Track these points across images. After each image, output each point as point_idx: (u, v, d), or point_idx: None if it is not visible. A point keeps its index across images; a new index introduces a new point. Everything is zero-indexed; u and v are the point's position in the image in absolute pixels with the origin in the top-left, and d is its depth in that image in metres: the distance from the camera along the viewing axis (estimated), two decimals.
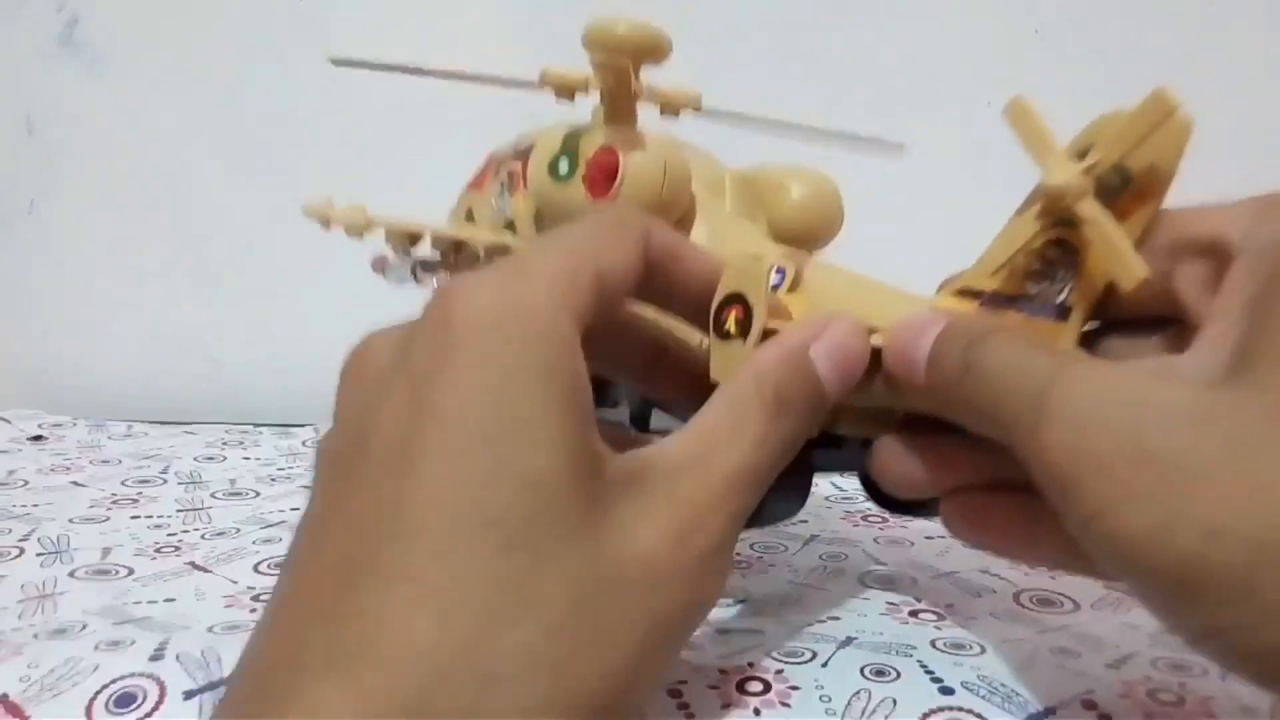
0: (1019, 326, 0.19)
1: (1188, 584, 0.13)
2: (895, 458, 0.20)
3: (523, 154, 0.27)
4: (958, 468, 0.19)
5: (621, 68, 0.23)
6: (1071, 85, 0.52)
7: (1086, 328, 0.19)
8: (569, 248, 0.17)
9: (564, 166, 0.24)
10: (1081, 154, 0.18)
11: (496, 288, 0.16)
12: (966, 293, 0.20)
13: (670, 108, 0.26)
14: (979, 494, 0.19)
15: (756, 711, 0.19)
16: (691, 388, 0.20)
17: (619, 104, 0.24)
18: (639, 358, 0.22)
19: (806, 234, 0.26)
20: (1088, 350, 0.19)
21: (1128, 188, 0.17)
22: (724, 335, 0.19)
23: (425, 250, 0.32)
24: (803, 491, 0.24)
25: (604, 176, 0.23)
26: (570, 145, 0.24)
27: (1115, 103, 0.18)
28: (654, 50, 0.24)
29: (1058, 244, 0.18)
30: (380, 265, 0.32)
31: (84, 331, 0.60)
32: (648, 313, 0.21)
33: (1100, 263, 0.18)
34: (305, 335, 0.55)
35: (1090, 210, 0.17)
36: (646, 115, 0.26)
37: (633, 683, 0.15)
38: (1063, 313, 0.18)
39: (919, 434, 0.20)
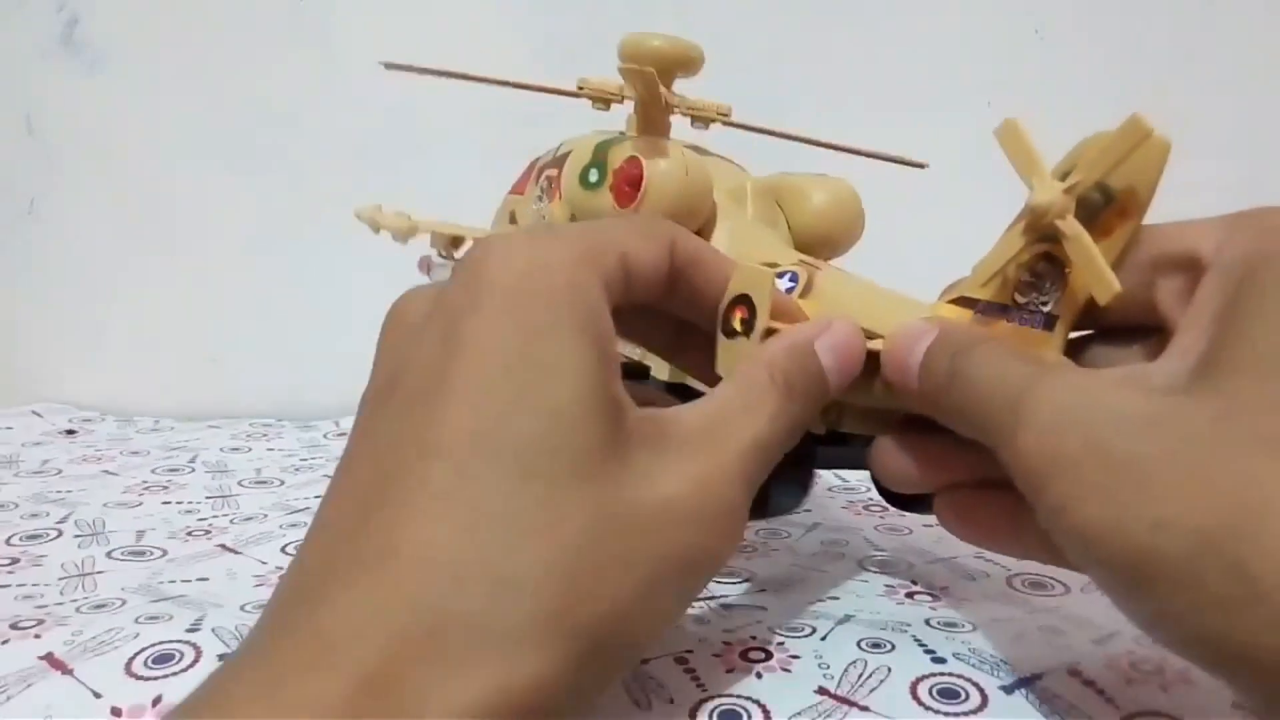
0: (1008, 335, 0.20)
1: (1139, 573, 0.14)
2: (891, 456, 0.21)
3: (560, 161, 0.29)
4: (949, 466, 0.21)
5: (652, 79, 0.24)
6: (1071, 85, 0.53)
7: (1079, 335, 0.20)
8: (596, 229, 0.19)
9: (594, 176, 0.26)
10: (1067, 174, 0.19)
11: (528, 246, 0.17)
12: (963, 301, 0.21)
13: (701, 119, 0.27)
14: (969, 491, 0.21)
15: (759, 676, 0.20)
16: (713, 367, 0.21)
17: (651, 113, 0.26)
18: (669, 336, 0.23)
19: (827, 240, 0.27)
20: (1077, 356, 0.20)
21: (1110, 206, 0.19)
22: (730, 333, 0.21)
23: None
24: (804, 485, 0.25)
25: (629, 185, 0.24)
26: (600, 155, 0.26)
27: (1115, 102, 0.19)
28: (686, 63, 0.26)
29: (1046, 258, 0.20)
30: (425, 265, 0.34)
31: (83, 331, 0.60)
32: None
33: (1080, 276, 0.19)
34: (305, 335, 0.56)
35: (1071, 227, 0.18)
36: (678, 125, 0.27)
37: (638, 614, 0.15)
38: (1049, 322, 0.20)
39: (915, 434, 0.21)
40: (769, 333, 0.20)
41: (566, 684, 0.14)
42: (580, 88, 0.27)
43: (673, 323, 0.22)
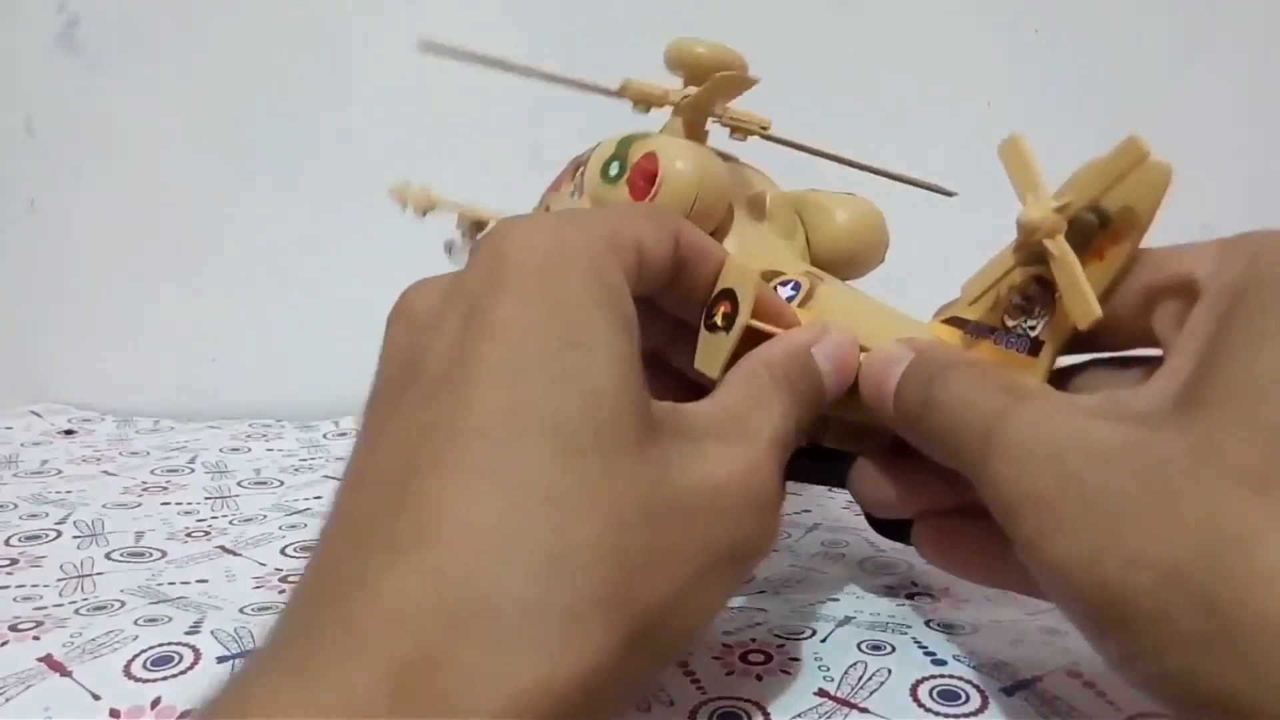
0: (991, 358, 0.20)
1: (1109, 609, 0.14)
2: (870, 478, 0.21)
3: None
4: (927, 492, 0.20)
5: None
6: (1071, 85, 0.53)
7: (1081, 359, 0.20)
8: (613, 215, 0.18)
9: (614, 169, 0.26)
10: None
11: (550, 228, 0.16)
12: (954, 321, 0.21)
13: (741, 130, 0.27)
14: (948, 519, 0.20)
15: (758, 678, 0.20)
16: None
17: (698, 120, 0.26)
18: (665, 334, 0.23)
19: (849, 259, 0.27)
20: (1073, 380, 0.20)
21: (1105, 229, 0.18)
22: (712, 328, 0.20)
23: None
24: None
25: (644, 180, 0.25)
26: (622, 150, 0.26)
27: (1113, 102, 0.19)
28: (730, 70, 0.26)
29: (1038, 281, 0.19)
30: (449, 247, 0.34)
31: (83, 331, 0.60)
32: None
33: (1065, 299, 0.18)
34: (305, 336, 0.56)
35: (1058, 247, 0.18)
36: (717, 136, 0.27)
37: (686, 604, 0.15)
38: (1035, 347, 0.19)
39: (896, 457, 0.21)
40: (749, 331, 0.20)
41: (616, 672, 0.13)
42: (622, 89, 0.27)
43: (669, 320, 0.22)
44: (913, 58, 0.53)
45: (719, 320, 0.20)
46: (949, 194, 0.29)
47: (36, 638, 0.23)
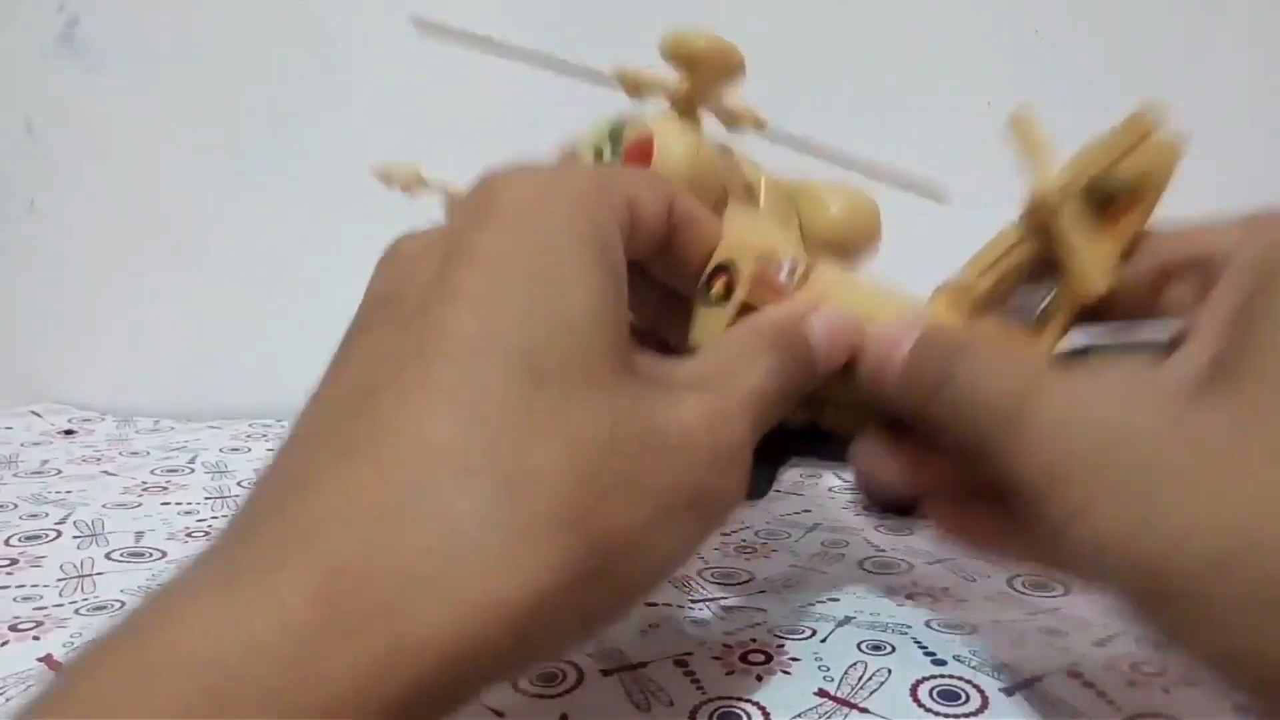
0: (997, 332, 0.20)
1: (1157, 585, 0.14)
2: (873, 458, 0.21)
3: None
4: (935, 468, 0.20)
5: (700, 80, 0.24)
6: (1071, 85, 0.53)
7: (1077, 346, 0.20)
8: (607, 171, 0.19)
9: (607, 151, 0.26)
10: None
11: (540, 173, 0.16)
12: (957, 296, 0.20)
13: (735, 124, 0.27)
14: (959, 494, 0.20)
15: (759, 678, 0.20)
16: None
17: (689, 108, 0.26)
18: (655, 304, 0.22)
19: (843, 249, 0.27)
20: (1081, 356, 0.20)
21: (1114, 203, 0.18)
22: (708, 301, 0.20)
23: None
24: (774, 475, 0.25)
25: (638, 158, 0.25)
26: (616, 132, 0.26)
27: (1114, 101, 0.19)
28: (726, 65, 0.26)
29: (1044, 255, 0.19)
30: None
31: (83, 331, 0.60)
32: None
33: (1070, 274, 0.18)
34: (305, 336, 0.56)
35: (1065, 221, 0.18)
36: (713, 129, 0.27)
37: (645, 541, 0.14)
38: (1041, 321, 0.19)
39: (899, 434, 0.20)
40: (746, 307, 0.19)
41: (566, 600, 0.13)
42: (616, 76, 0.27)
43: (658, 290, 0.22)
44: (913, 57, 0.53)
45: (716, 294, 0.20)
46: (939, 200, 0.29)
47: (36, 638, 0.23)
